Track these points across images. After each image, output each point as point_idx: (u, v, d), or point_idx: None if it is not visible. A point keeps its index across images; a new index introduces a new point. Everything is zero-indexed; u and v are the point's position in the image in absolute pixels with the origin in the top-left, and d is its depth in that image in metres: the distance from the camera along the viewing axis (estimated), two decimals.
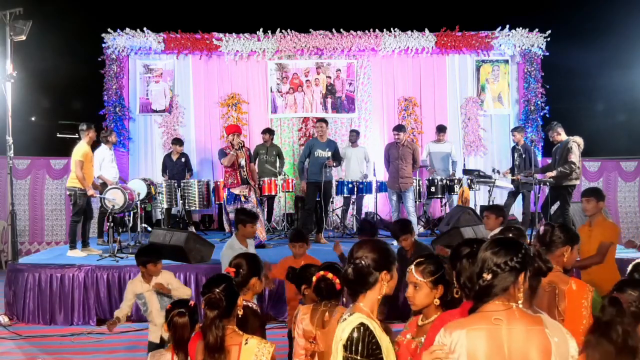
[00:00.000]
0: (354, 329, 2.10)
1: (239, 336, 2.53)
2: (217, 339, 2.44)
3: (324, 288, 3.10)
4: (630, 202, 10.38)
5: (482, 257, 2.03)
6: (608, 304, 2.05)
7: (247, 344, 2.49)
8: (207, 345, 2.45)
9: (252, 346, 2.49)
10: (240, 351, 2.48)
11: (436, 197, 9.24)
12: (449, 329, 2.01)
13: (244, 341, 2.50)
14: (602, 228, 4.87)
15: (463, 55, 10.47)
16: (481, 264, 2.03)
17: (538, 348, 1.95)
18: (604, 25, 10.14)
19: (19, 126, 8.17)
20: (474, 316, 2.01)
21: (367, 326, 2.11)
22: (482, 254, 2.04)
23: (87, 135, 7.38)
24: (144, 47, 10.29)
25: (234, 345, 2.49)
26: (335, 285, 3.08)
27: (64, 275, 6.55)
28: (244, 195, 7.61)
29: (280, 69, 10.46)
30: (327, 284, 3.09)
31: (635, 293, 2.17)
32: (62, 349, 5.76)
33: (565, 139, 7.57)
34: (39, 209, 10.19)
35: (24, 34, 7.01)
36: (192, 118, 10.51)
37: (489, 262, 2.01)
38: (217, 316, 2.47)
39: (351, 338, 2.09)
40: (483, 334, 1.95)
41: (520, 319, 1.98)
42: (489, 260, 2.01)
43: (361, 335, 2.08)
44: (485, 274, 2.00)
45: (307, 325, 3.11)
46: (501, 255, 2.00)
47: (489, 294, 2.00)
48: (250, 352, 2.47)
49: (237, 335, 2.53)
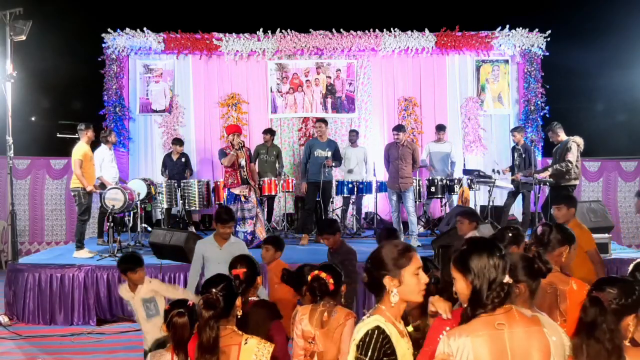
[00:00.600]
0: (369, 330, 2.09)
1: (239, 336, 2.53)
2: (210, 339, 2.44)
3: (317, 287, 3.11)
4: (630, 202, 10.37)
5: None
6: (589, 304, 2.06)
7: (246, 344, 2.49)
8: (200, 345, 2.45)
9: (252, 346, 2.49)
10: (240, 351, 2.48)
11: (436, 197, 9.24)
12: (453, 336, 2.00)
13: (244, 341, 2.50)
14: (580, 235, 4.73)
15: (463, 55, 10.46)
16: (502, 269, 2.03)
17: (538, 348, 1.96)
18: (604, 25, 10.13)
19: (19, 126, 8.17)
20: (476, 322, 2.00)
21: (382, 329, 2.08)
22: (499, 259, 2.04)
23: (86, 135, 7.39)
24: (144, 47, 10.29)
25: (234, 345, 2.49)
26: (328, 285, 3.09)
27: (64, 275, 6.56)
28: (244, 195, 7.61)
29: (280, 69, 10.46)
30: (320, 283, 3.10)
31: (614, 290, 2.17)
32: (62, 349, 5.77)
33: (566, 139, 7.58)
34: (39, 209, 10.20)
35: (24, 34, 7.01)
36: (192, 118, 10.50)
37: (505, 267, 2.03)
38: (213, 316, 2.47)
39: (364, 339, 2.08)
40: (487, 340, 1.95)
41: (520, 321, 1.99)
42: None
43: (375, 338, 2.06)
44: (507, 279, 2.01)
45: (306, 326, 3.11)
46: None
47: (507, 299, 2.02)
48: (249, 352, 2.48)
49: (236, 335, 2.53)
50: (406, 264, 2.16)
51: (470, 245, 2.10)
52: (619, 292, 2.16)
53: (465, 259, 2.05)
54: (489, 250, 2.04)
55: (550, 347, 1.96)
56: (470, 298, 2.04)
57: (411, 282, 2.16)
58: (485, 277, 2.00)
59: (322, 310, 3.09)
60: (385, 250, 2.21)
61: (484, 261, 2.01)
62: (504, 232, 3.72)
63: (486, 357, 1.94)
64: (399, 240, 2.29)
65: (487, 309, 1.99)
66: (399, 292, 2.15)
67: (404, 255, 2.18)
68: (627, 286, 2.19)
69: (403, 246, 2.22)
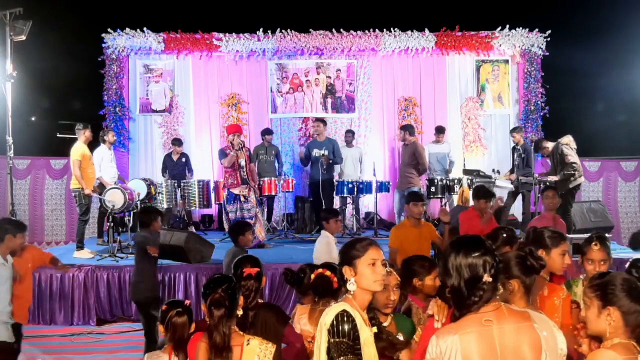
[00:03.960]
0: (337, 314, 2.20)
1: (240, 337, 2.53)
2: (225, 338, 2.46)
3: (320, 286, 3.12)
4: (631, 202, 10.38)
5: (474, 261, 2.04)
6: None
7: (249, 345, 2.49)
8: (215, 344, 2.45)
9: (254, 347, 2.49)
10: (242, 352, 2.48)
11: (436, 197, 9.23)
12: (442, 336, 2.01)
13: (246, 342, 2.50)
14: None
15: (463, 55, 10.46)
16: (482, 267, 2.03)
17: (529, 344, 1.96)
18: (604, 25, 10.12)
19: (19, 126, 8.19)
20: (464, 320, 2.01)
21: (349, 313, 2.20)
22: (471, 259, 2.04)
23: (83, 135, 7.38)
24: (144, 47, 10.29)
25: (236, 346, 2.49)
26: (332, 283, 3.10)
27: (64, 275, 6.55)
28: (244, 195, 7.62)
29: (280, 69, 10.46)
30: (323, 281, 3.12)
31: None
32: (62, 349, 5.77)
33: (554, 144, 7.52)
34: (39, 209, 10.20)
35: (24, 34, 7.02)
36: (192, 118, 10.50)
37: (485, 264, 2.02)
38: (224, 315, 2.48)
39: (334, 323, 2.19)
40: (474, 337, 1.96)
41: (510, 317, 1.99)
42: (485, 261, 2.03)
43: (344, 320, 2.18)
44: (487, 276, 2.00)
45: (305, 325, 3.11)
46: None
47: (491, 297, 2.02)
48: (252, 353, 2.48)
49: (238, 335, 2.54)
50: (360, 255, 2.31)
51: (450, 245, 2.12)
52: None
53: (445, 260, 2.08)
54: (464, 249, 2.04)
55: (542, 342, 1.96)
56: (453, 298, 2.06)
57: (366, 272, 2.29)
58: (462, 276, 2.01)
59: (321, 309, 3.09)
60: (346, 244, 2.41)
61: (459, 260, 2.02)
62: (498, 232, 3.78)
63: (475, 353, 1.94)
64: (364, 237, 2.51)
65: (472, 308, 2.00)
66: (356, 282, 2.29)
67: (358, 247, 2.34)
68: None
69: (362, 240, 2.39)
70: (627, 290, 2.13)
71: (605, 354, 2.06)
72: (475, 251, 2.03)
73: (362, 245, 2.34)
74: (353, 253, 2.33)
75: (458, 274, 2.02)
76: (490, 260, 2.02)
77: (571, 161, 7.27)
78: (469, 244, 2.06)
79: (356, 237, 2.50)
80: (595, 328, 2.15)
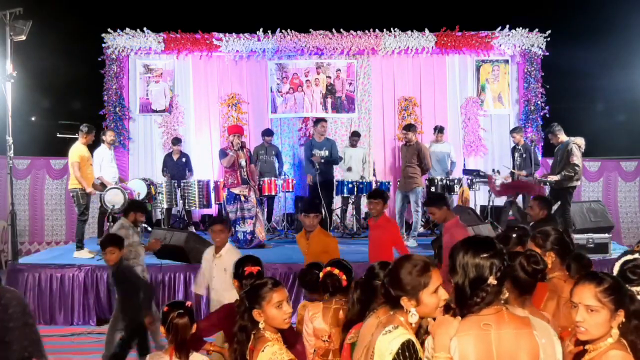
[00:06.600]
0: (404, 343, 2.01)
1: (264, 342, 2.49)
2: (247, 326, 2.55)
3: (330, 284, 3.10)
4: (631, 202, 10.38)
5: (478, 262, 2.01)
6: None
7: (264, 351, 2.45)
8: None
9: (268, 353, 2.44)
10: (257, 357, 2.45)
11: None
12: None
13: (263, 347, 2.46)
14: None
15: (463, 55, 10.45)
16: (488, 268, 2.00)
17: (526, 350, 1.94)
18: (604, 25, 10.11)
19: (19, 126, 8.17)
20: (464, 321, 2.00)
21: (413, 343, 2.04)
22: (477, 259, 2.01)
23: (84, 137, 7.40)
24: (143, 47, 10.28)
25: (257, 350, 2.47)
26: (341, 281, 3.09)
27: (64, 275, 6.56)
28: (244, 195, 7.62)
29: (280, 69, 10.45)
30: (333, 280, 3.10)
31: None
32: (62, 349, 5.77)
33: (566, 140, 7.53)
34: (39, 209, 10.19)
35: (24, 34, 7.01)
36: (192, 118, 10.50)
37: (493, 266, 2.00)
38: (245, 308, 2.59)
39: (402, 353, 2.00)
40: (473, 339, 1.95)
41: (510, 322, 1.98)
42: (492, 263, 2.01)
43: (411, 352, 2.01)
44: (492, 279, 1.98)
45: (319, 324, 3.09)
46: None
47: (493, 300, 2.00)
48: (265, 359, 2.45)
49: (264, 339, 2.50)
50: (425, 285, 2.08)
51: (459, 243, 2.08)
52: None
53: (452, 257, 2.05)
54: (474, 249, 2.01)
55: (539, 350, 1.95)
56: (456, 297, 2.04)
57: (430, 301, 2.09)
58: (467, 275, 1.98)
59: (336, 308, 3.08)
60: (404, 271, 2.11)
61: (466, 259, 1.99)
62: (508, 233, 3.71)
63: (471, 356, 1.94)
64: (418, 258, 2.15)
65: (472, 310, 1.98)
66: (417, 311, 2.09)
67: (423, 276, 2.09)
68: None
69: (421, 265, 2.11)
70: (629, 291, 2.14)
71: (619, 355, 2.02)
72: (485, 252, 1.99)
73: (426, 273, 2.10)
74: (417, 284, 2.09)
75: (464, 272, 1.99)
76: (498, 264, 1.98)
77: (574, 162, 7.27)
78: (480, 244, 2.03)
79: (410, 260, 2.16)
80: (601, 331, 2.05)
